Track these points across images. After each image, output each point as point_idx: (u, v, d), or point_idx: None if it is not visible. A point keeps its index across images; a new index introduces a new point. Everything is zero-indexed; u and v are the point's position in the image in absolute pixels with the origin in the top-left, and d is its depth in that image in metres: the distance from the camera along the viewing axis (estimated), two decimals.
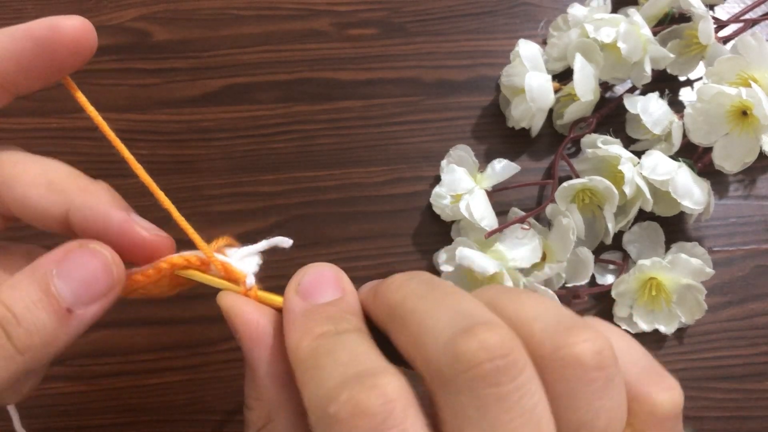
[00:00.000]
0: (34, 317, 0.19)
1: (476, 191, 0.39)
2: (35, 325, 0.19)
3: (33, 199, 0.21)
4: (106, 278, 0.20)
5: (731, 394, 0.39)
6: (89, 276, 0.20)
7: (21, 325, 0.19)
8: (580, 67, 0.39)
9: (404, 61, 0.45)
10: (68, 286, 0.19)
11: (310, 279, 0.21)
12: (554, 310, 0.18)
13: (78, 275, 0.20)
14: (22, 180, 0.21)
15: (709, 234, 0.42)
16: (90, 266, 0.20)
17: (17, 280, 0.19)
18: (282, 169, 0.43)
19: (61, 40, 0.21)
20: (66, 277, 0.20)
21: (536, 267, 0.38)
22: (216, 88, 0.44)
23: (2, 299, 0.19)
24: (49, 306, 0.19)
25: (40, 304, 0.19)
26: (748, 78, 0.37)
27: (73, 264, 0.20)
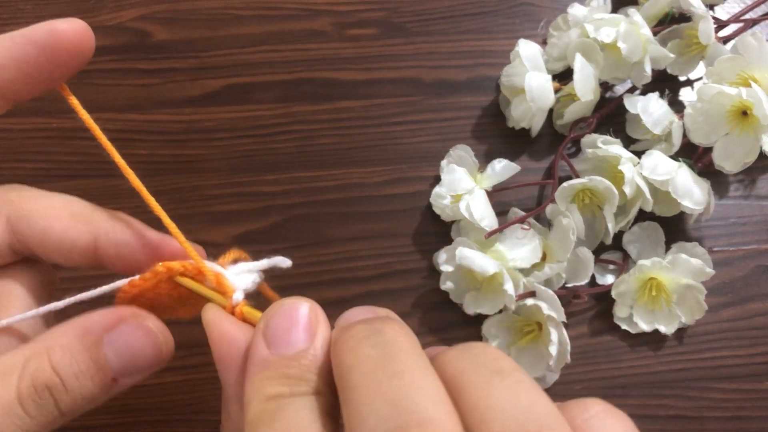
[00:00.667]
0: (81, 385, 0.19)
1: (476, 191, 0.39)
2: (81, 392, 0.19)
3: (56, 232, 0.21)
4: (154, 355, 0.20)
5: (731, 395, 0.39)
6: (139, 351, 0.20)
7: (68, 393, 0.19)
8: (580, 67, 0.39)
9: (404, 61, 0.45)
10: (117, 358, 0.20)
11: (279, 321, 0.18)
12: (526, 406, 0.15)
13: (129, 348, 0.20)
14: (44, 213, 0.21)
15: (709, 234, 0.42)
16: (141, 341, 0.20)
17: (68, 342, 0.19)
18: (282, 169, 0.43)
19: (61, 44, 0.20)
20: (116, 348, 0.20)
21: (536, 267, 0.38)
22: (216, 88, 0.44)
23: (54, 364, 0.19)
24: (96, 375, 0.19)
25: (88, 372, 0.19)
26: (749, 78, 0.37)
27: (125, 335, 0.20)
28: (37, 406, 0.19)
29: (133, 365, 0.20)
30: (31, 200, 0.21)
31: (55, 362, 0.19)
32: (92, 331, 0.20)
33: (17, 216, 0.21)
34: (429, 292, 0.40)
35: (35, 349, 0.19)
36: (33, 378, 0.19)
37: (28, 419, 0.18)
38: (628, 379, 0.39)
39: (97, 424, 0.38)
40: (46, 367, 0.19)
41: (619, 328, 0.39)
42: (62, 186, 0.42)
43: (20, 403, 0.18)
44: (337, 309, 0.21)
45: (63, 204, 0.22)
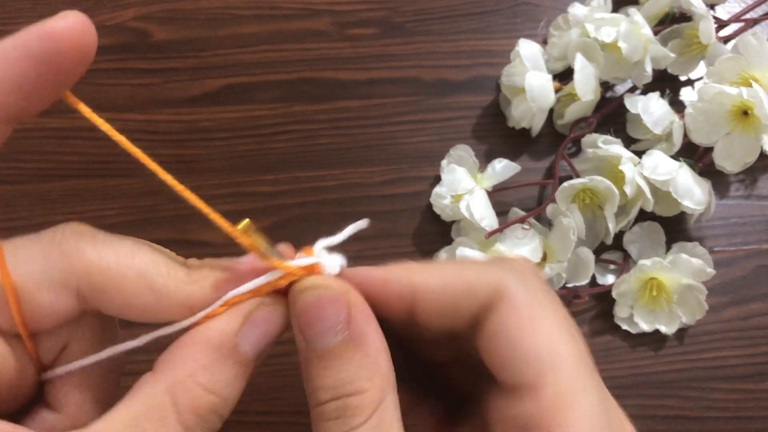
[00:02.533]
0: (236, 389, 0.19)
1: (476, 191, 0.39)
2: (238, 394, 0.20)
3: (138, 305, 0.20)
4: (279, 324, 0.21)
5: (732, 395, 0.39)
6: (268, 330, 0.20)
7: (228, 403, 0.19)
8: (580, 67, 0.39)
9: (404, 61, 0.45)
10: (253, 347, 0.20)
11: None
12: None
13: (261, 335, 0.20)
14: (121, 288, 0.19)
15: (710, 234, 0.42)
16: (266, 322, 0.20)
17: (208, 360, 0.19)
18: (282, 169, 0.42)
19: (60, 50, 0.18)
20: (250, 341, 0.20)
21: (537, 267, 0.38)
22: (216, 87, 0.44)
23: (207, 386, 0.19)
24: (246, 373, 0.20)
25: (239, 376, 0.19)
26: (749, 78, 0.37)
27: (253, 327, 0.20)
28: (205, 430, 0.19)
29: (266, 344, 0.20)
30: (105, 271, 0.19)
31: (206, 383, 0.19)
32: (225, 339, 0.19)
33: (90, 289, 0.19)
34: None
35: (174, 380, 0.19)
36: (194, 407, 0.18)
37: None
38: (628, 379, 0.39)
39: None
40: (200, 392, 0.19)
41: (620, 328, 0.39)
42: (62, 186, 0.42)
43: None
44: None
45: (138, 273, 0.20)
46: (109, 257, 0.20)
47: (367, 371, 0.19)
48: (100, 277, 0.19)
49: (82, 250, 0.19)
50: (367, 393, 0.19)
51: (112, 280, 0.19)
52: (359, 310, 0.20)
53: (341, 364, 0.19)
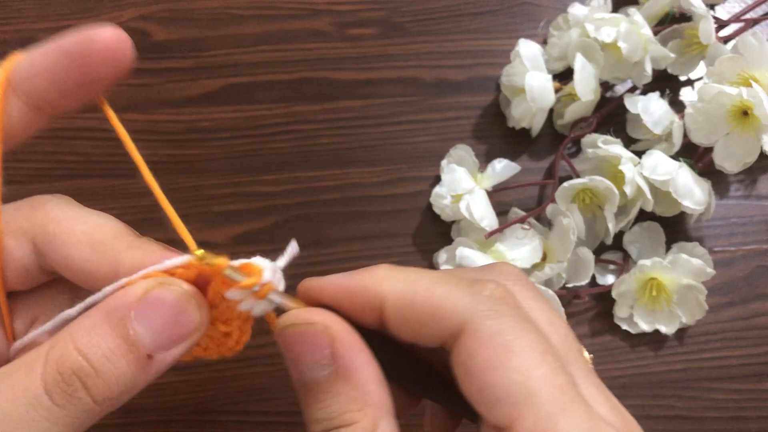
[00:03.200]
0: (113, 366, 0.18)
1: (476, 191, 0.39)
2: (114, 374, 0.18)
3: (77, 262, 0.20)
4: (189, 320, 0.19)
5: (732, 395, 0.39)
6: (171, 319, 0.18)
7: (99, 376, 0.17)
8: (580, 67, 0.39)
9: (404, 61, 0.45)
10: (148, 331, 0.18)
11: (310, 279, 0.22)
12: None
13: (159, 318, 0.18)
14: (66, 240, 0.20)
15: (710, 234, 0.42)
16: (172, 308, 0.18)
17: (92, 323, 0.18)
18: (282, 169, 0.42)
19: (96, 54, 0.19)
20: (146, 321, 0.18)
21: (537, 267, 0.38)
22: (216, 87, 0.44)
23: (79, 347, 0.18)
24: (129, 353, 0.18)
25: (119, 351, 0.18)
26: (749, 78, 0.37)
27: (154, 305, 0.18)
28: (65, 395, 0.17)
29: (167, 337, 0.18)
30: (56, 222, 0.20)
31: (80, 345, 0.17)
32: (117, 307, 0.18)
33: (42, 239, 0.20)
34: None
35: (59, 337, 0.18)
36: (58, 364, 0.17)
37: (57, 410, 0.17)
38: (628, 379, 0.39)
39: (97, 423, 0.38)
40: (71, 351, 0.17)
41: (620, 328, 0.39)
42: (62, 186, 0.42)
43: (47, 393, 0.17)
44: None
45: (86, 230, 0.20)
46: (65, 213, 0.20)
47: (356, 403, 0.19)
48: (51, 227, 0.20)
49: (46, 206, 0.21)
50: (358, 424, 0.19)
51: (62, 233, 0.20)
52: (344, 343, 0.19)
53: (331, 396, 0.19)
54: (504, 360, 0.18)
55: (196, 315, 0.19)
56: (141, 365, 0.18)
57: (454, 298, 0.19)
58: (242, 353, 0.33)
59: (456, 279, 0.20)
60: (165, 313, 0.18)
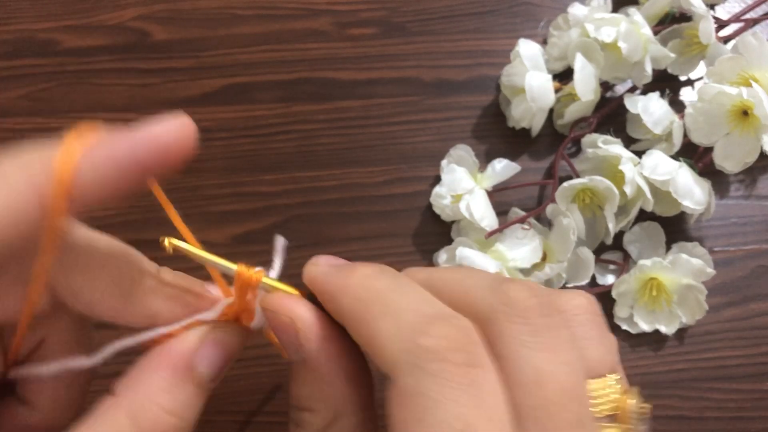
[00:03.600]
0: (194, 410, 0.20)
1: (476, 191, 0.39)
2: (195, 414, 0.20)
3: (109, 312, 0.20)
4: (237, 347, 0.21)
5: (732, 395, 0.39)
6: (226, 358, 0.21)
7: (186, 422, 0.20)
8: (580, 67, 0.39)
9: (404, 61, 0.45)
10: (210, 370, 0.21)
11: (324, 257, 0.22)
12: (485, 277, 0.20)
13: (217, 357, 0.21)
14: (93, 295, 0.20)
15: (710, 234, 0.42)
16: (226, 349, 0.21)
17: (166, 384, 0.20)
18: (282, 169, 0.42)
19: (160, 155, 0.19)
20: (206, 362, 0.20)
21: (536, 267, 0.38)
22: (216, 87, 0.44)
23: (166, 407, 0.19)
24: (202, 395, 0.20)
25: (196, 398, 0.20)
26: (749, 78, 0.37)
27: (212, 347, 0.21)
28: None
29: (222, 368, 0.21)
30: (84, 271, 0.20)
31: (168, 406, 0.19)
32: (185, 361, 0.20)
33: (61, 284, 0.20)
34: None
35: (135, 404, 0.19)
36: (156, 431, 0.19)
37: None
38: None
39: None
40: (161, 415, 0.19)
41: (620, 328, 0.39)
42: None
43: None
44: None
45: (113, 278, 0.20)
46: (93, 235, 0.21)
47: (318, 393, 0.20)
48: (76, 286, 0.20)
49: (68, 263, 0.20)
50: (317, 413, 0.20)
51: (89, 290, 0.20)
52: (308, 337, 0.20)
53: (300, 379, 0.20)
54: (418, 423, 0.16)
55: (240, 348, 0.22)
56: (206, 393, 0.21)
57: (390, 341, 0.17)
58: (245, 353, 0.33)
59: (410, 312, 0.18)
60: (221, 352, 0.21)
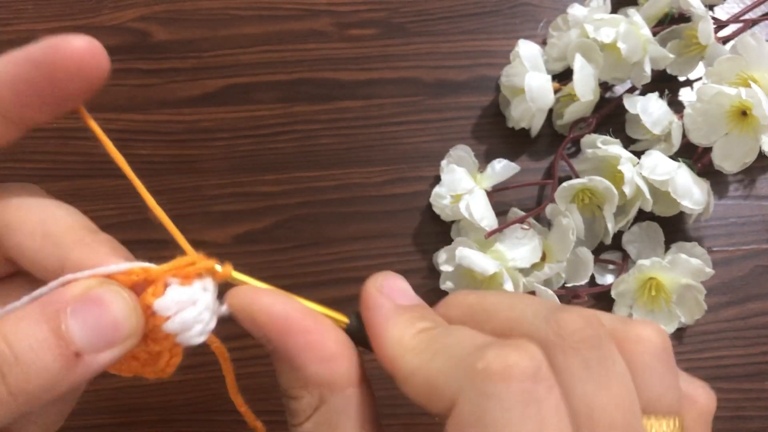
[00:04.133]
0: (36, 357, 0.17)
1: (476, 191, 0.39)
2: (36, 366, 0.17)
3: (28, 250, 0.20)
4: (125, 325, 0.18)
5: (731, 394, 0.39)
6: (107, 320, 0.18)
7: (19, 364, 0.17)
8: (579, 67, 0.39)
9: (404, 61, 0.45)
10: (82, 329, 0.18)
11: (391, 282, 0.21)
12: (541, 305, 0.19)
13: (95, 318, 0.18)
14: (19, 228, 0.20)
15: (709, 234, 0.42)
16: (109, 310, 0.18)
17: (25, 313, 0.18)
18: (282, 169, 0.43)
19: (61, 63, 0.18)
20: (81, 318, 0.18)
21: (536, 267, 0.38)
22: (216, 88, 0.44)
23: (4, 332, 0.17)
24: (56, 348, 0.17)
25: (45, 344, 0.17)
26: (748, 78, 0.37)
27: (92, 304, 0.18)
28: None
29: (100, 338, 0.18)
30: (16, 210, 0.20)
31: (6, 331, 0.17)
32: (54, 301, 0.18)
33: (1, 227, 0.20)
34: (429, 292, 0.40)
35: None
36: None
37: None
38: None
39: (97, 423, 0.38)
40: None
41: None
42: (62, 186, 0.42)
43: None
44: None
45: (42, 219, 0.20)
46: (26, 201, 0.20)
47: (298, 381, 0.20)
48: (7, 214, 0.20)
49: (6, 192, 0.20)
50: (302, 399, 0.20)
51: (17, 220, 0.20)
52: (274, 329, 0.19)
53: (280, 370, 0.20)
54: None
55: (133, 320, 0.19)
56: (67, 362, 0.18)
57: (445, 375, 0.17)
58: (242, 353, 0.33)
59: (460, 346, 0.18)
60: (102, 314, 0.18)
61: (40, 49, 0.18)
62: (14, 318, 0.18)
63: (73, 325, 0.18)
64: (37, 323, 0.17)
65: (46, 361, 0.17)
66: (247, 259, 0.40)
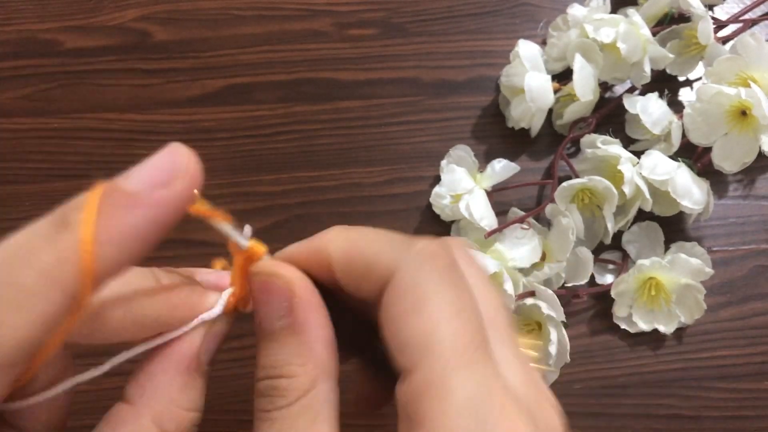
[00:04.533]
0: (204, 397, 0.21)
1: (476, 191, 0.39)
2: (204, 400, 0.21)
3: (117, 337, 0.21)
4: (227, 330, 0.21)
5: (730, 394, 0.39)
6: (221, 342, 0.21)
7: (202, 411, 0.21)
8: (579, 67, 0.39)
9: (404, 61, 0.45)
10: (209, 357, 0.21)
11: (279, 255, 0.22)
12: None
13: (215, 346, 0.21)
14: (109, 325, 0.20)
15: (709, 234, 0.42)
16: (222, 336, 0.21)
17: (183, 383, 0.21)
18: (282, 169, 0.43)
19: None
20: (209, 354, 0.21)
21: (536, 267, 0.38)
22: (216, 88, 0.44)
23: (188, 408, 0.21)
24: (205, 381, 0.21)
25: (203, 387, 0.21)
26: (748, 78, 0.37)
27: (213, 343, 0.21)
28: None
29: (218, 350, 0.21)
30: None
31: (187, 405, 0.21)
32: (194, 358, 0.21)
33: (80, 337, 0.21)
34: None
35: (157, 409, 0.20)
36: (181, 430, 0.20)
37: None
38: (627, 378, 0.39)
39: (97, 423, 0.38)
40: (183, 414, 0.21)
41: (619, 327, 0.39)
42: (62, 186, 0.42)
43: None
44: None
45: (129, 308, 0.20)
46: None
47: (300, 358, 0.20)
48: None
49: None
50: (296, 378, 0.20)
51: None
52: (302, 300, 0.20)
53: (279, 347, 0.20)
54: (416, 309, 0.18)
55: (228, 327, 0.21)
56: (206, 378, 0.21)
57: (384, 253, 0.19)
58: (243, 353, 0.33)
59: (393, 237, 0.20)
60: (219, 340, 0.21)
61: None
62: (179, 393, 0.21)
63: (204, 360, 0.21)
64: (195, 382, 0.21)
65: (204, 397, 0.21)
66: None
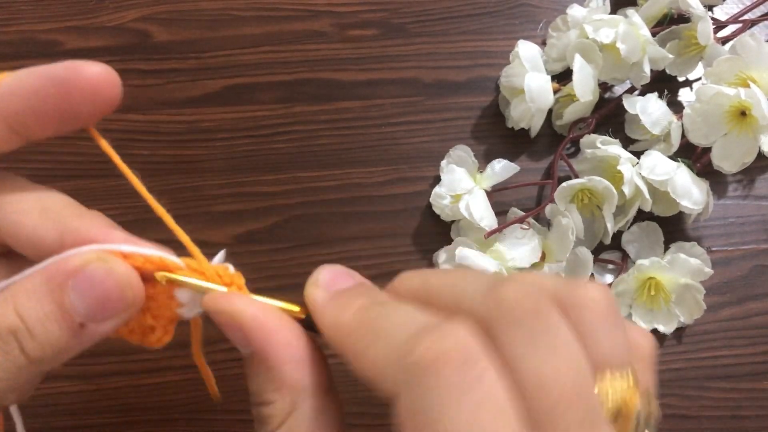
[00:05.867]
0: (47, 330, 0.19)
1: (476, 191, 0.39)
2: (47, 338, 0.19)
3: (26, 227, 0.20)
4: (122, 299, 0.20)
5: (730, 394, 0.39)
6: (105, 294, 0.19)
7: (34, 337, 0.19)
8: (579, 68, 0.39)
9: (404, 62, 0.45)
10: (83, 302, 0.19)
11: (326, 274, 0.21)
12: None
13: (93, 292, 0.19)
14: (15, 207, 0.21)
15: (708, 234, 0.42)
16: (107, 284, 0.19)
17: (32, 287, 0.19)
18: (282, 169, 0.43)
19: (78, 84, 0.19)
20: (81, 292, 0.19)
21: (535, 267, 0.38)
22: (216, 88, 0.44)
23: (17, 308, 0.19)
24: (62, 320, 0.19)
25: (53, 317, 0.19)
26: (747, 78, 0.37)
27: (90, 279, 0.19)
28: (1, 352, 0.19)
29: (99, 310, 0.19)
30: (10, 192, 0.21)
31: (18, 306, 0.19)
32: (57, 275, 0.19)
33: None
34: None
35: (2, 295, 0.19)
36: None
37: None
38: None
39: (97, 422, 0.38)
40: (9, 312, 0.19)
41: None
42: (62, 186, 0.42)
43: None
44: None
45: (36, 198, 0.21)
46: (18, 183, 0.22)
47: (272, 384, 0.20)
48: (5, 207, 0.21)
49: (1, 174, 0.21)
50: (274, 404, 0.20)
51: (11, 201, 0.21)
52: (253, 328, 0.20)
53: (254, 374, 0.20)
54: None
55: (129, 296, 0.20)
56: (73, 332, 0.19)
57: (384, 366, 0.17)
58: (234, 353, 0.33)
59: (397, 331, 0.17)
60: (99, 288, 0.19)
61: (62, 69, 0.19)
62: (23, 291, 0.19)
63: (75, 298, 0.19)
64: (44, 297, 0.19)
65: (55, 332, 0.19)
66: (247, 259, 0.40)
